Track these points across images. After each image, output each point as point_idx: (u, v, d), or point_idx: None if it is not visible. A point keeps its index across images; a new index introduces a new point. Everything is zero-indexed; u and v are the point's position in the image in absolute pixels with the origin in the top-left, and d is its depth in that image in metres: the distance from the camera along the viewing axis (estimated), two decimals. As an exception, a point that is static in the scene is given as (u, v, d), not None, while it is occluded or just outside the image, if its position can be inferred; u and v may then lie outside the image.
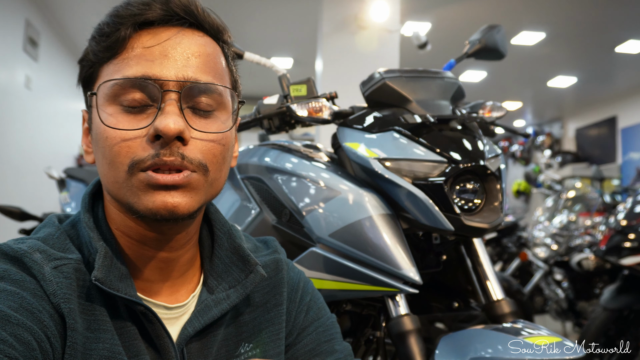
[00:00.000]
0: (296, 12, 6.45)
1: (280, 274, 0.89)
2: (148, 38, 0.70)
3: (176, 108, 0.69)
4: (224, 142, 0.74)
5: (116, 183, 0.70)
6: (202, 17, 0.74)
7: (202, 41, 0.73)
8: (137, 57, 0.69)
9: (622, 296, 2.96)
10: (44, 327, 0.63)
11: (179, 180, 0.68)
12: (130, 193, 0.69)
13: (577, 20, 6.83)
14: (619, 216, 3.01)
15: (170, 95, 0.69)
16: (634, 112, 9.85)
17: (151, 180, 0.67)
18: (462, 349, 1.14)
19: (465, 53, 1.66)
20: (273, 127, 1.55)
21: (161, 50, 0.70)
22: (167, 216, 0.69)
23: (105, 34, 0.70)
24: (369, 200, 1.30)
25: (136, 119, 0.69)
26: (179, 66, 0.70)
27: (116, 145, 0.68)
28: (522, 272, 5.11)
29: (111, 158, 0.69)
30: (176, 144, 0.68)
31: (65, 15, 6.48)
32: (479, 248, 1.42)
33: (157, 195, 0.68)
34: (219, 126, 0.73)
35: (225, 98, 0.74)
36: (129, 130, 0.68)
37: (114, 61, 0.70)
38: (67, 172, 3.19)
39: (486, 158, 1.27)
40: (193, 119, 0.71)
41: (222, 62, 0.76)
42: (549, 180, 6.17)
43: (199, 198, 0.71)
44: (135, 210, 0.69)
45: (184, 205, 0.69)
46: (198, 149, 0.70)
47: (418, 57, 7.17)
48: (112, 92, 0.69)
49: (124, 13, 0.70)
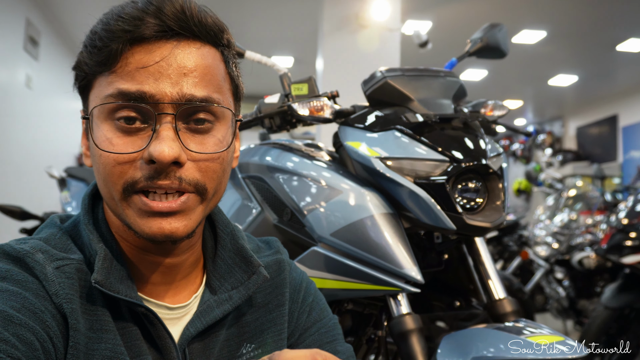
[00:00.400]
0: (297, 11, 6.44)
1: (282, 275, 0.88)
2: (143, 55, 0.67)
3: (171, 131, 0.67)
4: (222, 158, 0.72)
5: (112, 200, 0.70)
6: (199, 26, 0.70)
7: (199, 53, 0.70)
8: (131, 74, 0.67)
9: (623, 295, 2.96)
10: (47, 328, 0.63)
11: (176, 207, 0.68)
12: (127, 213, 0.69)
13: (578, 19, 6.82)
14: (620, 215, 3.01)
15: (165, 117, 0.67)
16: (635, 110, 9.84)
17: (146, 207, 0.67)
18: (464, 348, 1.14)
19: (467, 52, 1.66)
20: (274, 126, 1.54)
21: (157, 67, 0.67)
22: (164, 240, 0.68)
23: (96, 47, 0.68)
24: (370, 200, 1.30)
25: (131, 139, 0.67)
26: (174, 83, 0.67)
27: (110, 166, 0.67)
28: (523, 270, 5.11)
29: (105, 177, 0.69)
30: (172, 168, 0.67)
31: (66, 14, 6.47)
32: (481, 247, 1.42)
33: (153, 221, 0.67)
34: (216, 143, 0.71)
35: (224, 110, 0.72)
36: (122, 154, 0.67)
37: (107, 75, 0.68)
38: (68, 172, 3.20)
39: (488, 157, 1.27)
40: (191, 137, 0.69)
41: (221, 70, 0.74)
42: (549, 178, 6.17)
43: (196, 217, 0.71)
44: (133, 231, 0.69)
45: (183, 229, 0.69)
46: (196, 168, 0.69)
47: (419, 56, 7.15)
48: (105, 109, 0.68)
49: (116, 28, 0.67)
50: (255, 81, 7.06)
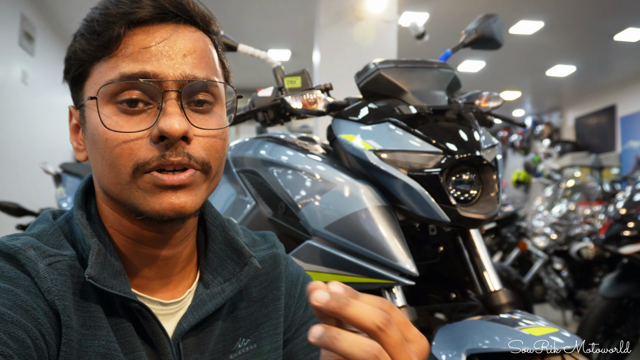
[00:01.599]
0: (293, 3, 6.42)
1: (278, 269, 0.88)
2: (143, 37, 0.69)
3: (177, 108, 0.68)
4: (224, 137, 0.74)
5: (118, 184, 0.69)
6: (194, 11, 0.73)
7: (195, 36, 0.72)
8: (133, 55, 0.68)
9: (622, 285, 2.96)
10: (39, 325, 0.63)
11: (185, 180, 0.68)
12: (135, 195, 0.68)
13: (576, 9, 6.80)
14: (618, 205, 3.01)
15: (170, 94, 0.68)
16: (633, 100, 9.83)
17: (157, 182, 0.67)
18: (459, 340, 1.14)
19: (461, 43, 1.65)
20: (268, 120, 1.54)
21: (157, 48, 0.69)
22: (174, 216, 0.69)
23: (96, 32, 0.69)
24: (364, 192, 1.29)
25: (136, 119, 0.68)
26: (176, 64, 0.69)
27: (117, 147, 0.67)
28: (521, 261, 5.12)
29: (112, 160, 0.68)
30: (181, 144, 0.68)
31: (61, 10, 6.45)
32: (476, 239, 1.42)
33: (164, 196, 0.68)
34: (218, 121, 0.73)
35: (222, 92, 0.74)
36: (130, 133, 0.67)
37: (107, 59, 0.69)
38: (63, 167, 3.19)
39: (482, 149, 1.27)
40: (193, 116, 0.70)
41: (215, 55, 0.76)
42: (548, 169, 6.17)
43: (202, 194, 0.72)
44: (139, 212, 0.69)
45: (191, 204, 0.69)
46: (201, 146, 0.70)
47: (416, 48, 7.13)
48: (108, 91, 0.68)
49: (115, 11, 0.68)
50: (249, 74, 7.04)
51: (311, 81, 1.49)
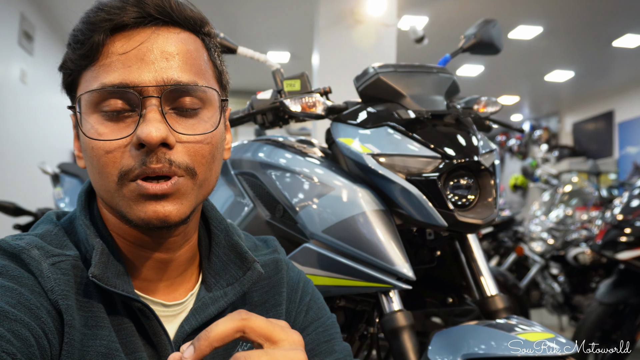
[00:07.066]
0: (293, 6, 6.43)
1: (279, 274, 0.88)
2: (122, 43, 0.68)
3: (157, 114, 0.67)
4: (211, 141, 0.72)
5: (108, 192, 0.70)
6: (177, 13, 0.71)
7: (179, 38, 0.71)
8: (114, 63, 0.67)
9: (618, 290, 2.96)
10: (42, 324, 0.64)
11: (168, 189, 0.68)
12: (121, 203, 0.69)
13: (574, 15, 6.82)
14: (615, 210, 3.02)
15: (150, 100, 0.67)
16: (631, 106, 9.85)
17: (141, 190, 0.67)
18: (454, 345, 1.14)
19: (460, 47, 1.65)
20: (267, 122, 1.54)
21: (137, 54, 0.68)
22: (159, 225, 0.69)
23: (79, 42, 0.69)
24: (362, 196, 1.30)
25: (118, 127, 0.68)
26: (157, 69, 0.68)
27: (103, 156, 0.68)
28: (518, 266, 5.12)
29: (99, 168, 0.69)
30: (162, 150, 0.67)
31: (60, 9, 6.44)
32: (473, 244, 1.42)
33: (148, 205, 0.68)
34: (204, 126, 0.71)
35: (210, 94, 0.73)
36: (112, 141, 0.67)
37: (91, 68, 0.69)
38: (61, 168, 3.19)
39: (480, 154, 1.27)
40: (178, 120, 0.70)
41: (204, 56, 0.74)
42: (545, 174, 6.18)
43: (189, 203, 0.71)
44: (128, 220, 0.69)
45: (176, 213, 0.69)
46: (185, 151, 0.69)
47: (415, 52, 7.15)
48: (91, 100, 0.68)
49: (95, 19, 0.68)
50: (248, 77, 7.04)
51: (310, 84, 1.49)
